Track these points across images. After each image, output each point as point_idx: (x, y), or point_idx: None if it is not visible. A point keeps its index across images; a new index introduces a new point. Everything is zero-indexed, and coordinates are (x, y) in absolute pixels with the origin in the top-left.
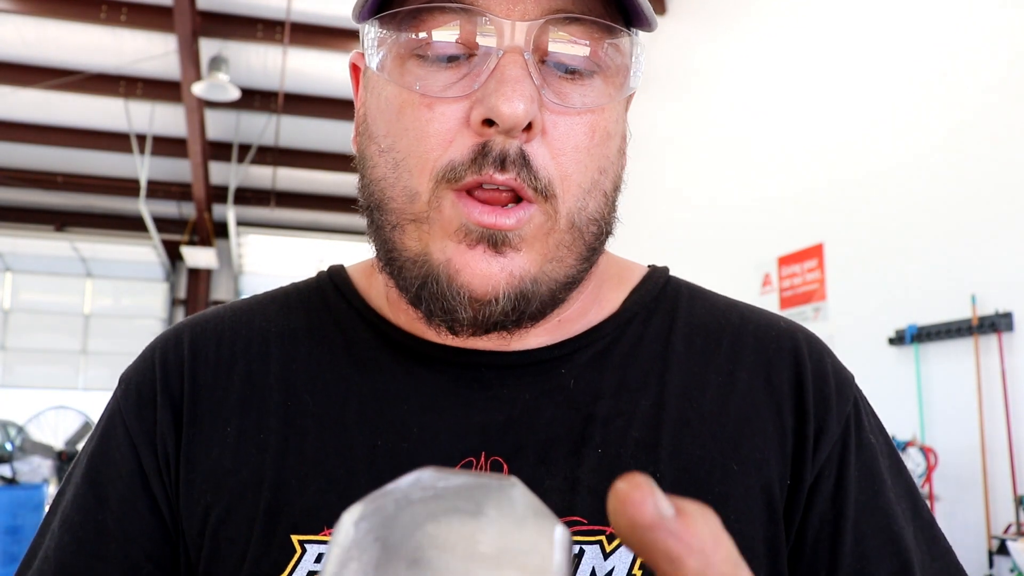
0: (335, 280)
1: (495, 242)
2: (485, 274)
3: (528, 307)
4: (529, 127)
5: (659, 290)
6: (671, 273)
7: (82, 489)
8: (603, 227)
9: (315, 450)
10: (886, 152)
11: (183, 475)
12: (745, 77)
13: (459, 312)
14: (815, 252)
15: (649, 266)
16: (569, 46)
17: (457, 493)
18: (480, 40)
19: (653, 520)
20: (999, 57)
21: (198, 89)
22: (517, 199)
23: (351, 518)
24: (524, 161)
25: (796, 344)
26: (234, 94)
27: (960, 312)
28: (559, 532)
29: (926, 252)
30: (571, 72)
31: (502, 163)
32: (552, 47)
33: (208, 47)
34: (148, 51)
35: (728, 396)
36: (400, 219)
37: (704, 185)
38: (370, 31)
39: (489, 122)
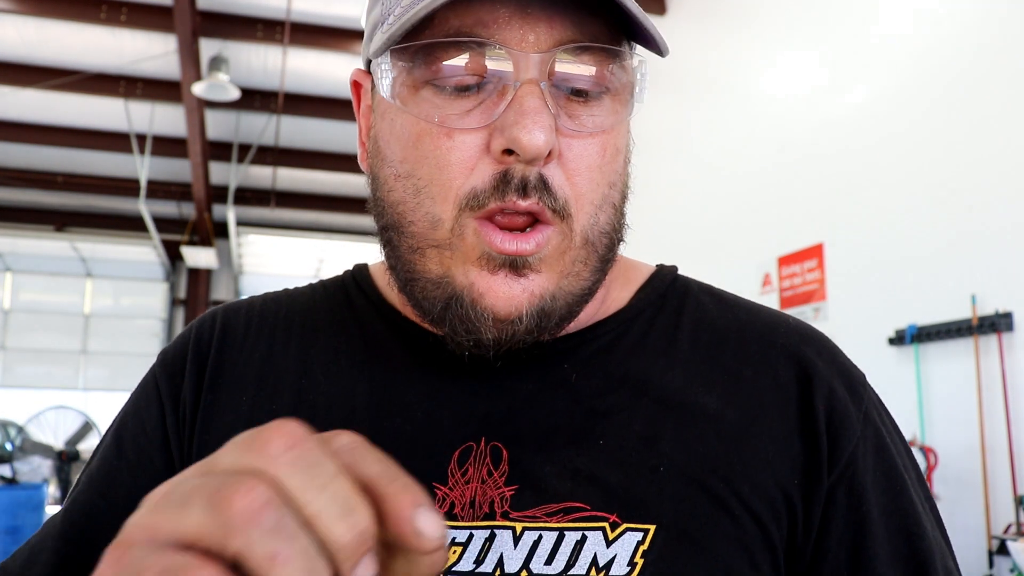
0: (357, 277)
1: (516, 266)
2: (508, 296)
3: (548, 323)
4: (548, 154)
5: (666, 288)
6: (679, 272)
7: (108, 441)
8: (614, 238)
9: (323, 426)
10: (886, 152)
11: (198, 436)
12: (745, 76)
13: (483, 333)
14: (815, 252)
15: (657, 265)
16: (579, 72)
17: None
18: (496, 71)
19: None
20: (1002, 59)
21: (198, 89)
22: (534, 221)
23: None
24: (544, 185)
25: (803, 344)
26: (234, 94)
27: (960, 312)
28: None
29: (926, 252)
30: (580, 94)
31: (524, 189)
32: (562, 73)
33: (208, 47)
34: (148, 51)
35: (733, 393)
36: (421, 243)
37: (704, 185)
38: (383, 62)
39: (509, 151)
